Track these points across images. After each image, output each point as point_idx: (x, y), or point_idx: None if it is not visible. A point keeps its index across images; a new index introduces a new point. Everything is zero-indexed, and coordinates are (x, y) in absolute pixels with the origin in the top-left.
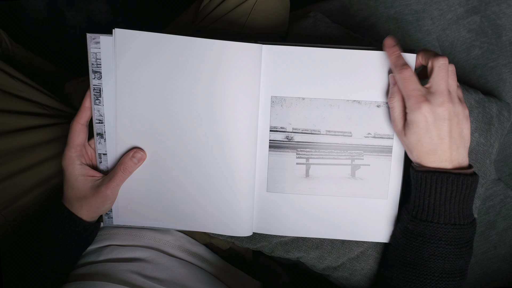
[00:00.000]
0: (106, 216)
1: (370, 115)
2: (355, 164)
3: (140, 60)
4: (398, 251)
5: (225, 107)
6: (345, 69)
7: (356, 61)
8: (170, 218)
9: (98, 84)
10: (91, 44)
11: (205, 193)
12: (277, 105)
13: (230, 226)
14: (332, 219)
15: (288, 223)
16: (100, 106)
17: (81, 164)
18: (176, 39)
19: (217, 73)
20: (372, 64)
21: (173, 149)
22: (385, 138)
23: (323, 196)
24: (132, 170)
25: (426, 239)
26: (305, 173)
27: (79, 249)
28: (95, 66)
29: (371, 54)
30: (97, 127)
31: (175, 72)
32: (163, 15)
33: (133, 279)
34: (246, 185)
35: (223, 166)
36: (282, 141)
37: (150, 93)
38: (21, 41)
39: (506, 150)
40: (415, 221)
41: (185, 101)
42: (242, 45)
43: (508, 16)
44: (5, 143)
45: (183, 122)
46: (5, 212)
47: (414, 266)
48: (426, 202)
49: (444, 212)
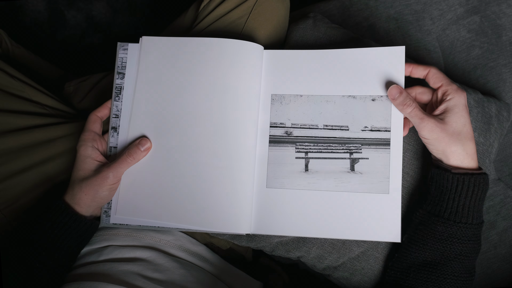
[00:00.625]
0: (104, 215)
1: (366, 109)
2: (354, 157)
3: (158, 61)
4: (417, 253)
5: (231, 101)
6: (339, 67)
7: (348, 59)
8: (169, 213)
9: (120, 84)
10: (120, 50)
11: (207, 184)
12: (277, 102)
13: (229, 222)
14: (334, 217)
15: (288, 222)
16: (118, 103)
17: (92, 147)
18: (189, 41)
19: (225, 70)
20: (363, 60)
21: (179, 142)
22: (382, 131)
23: (323, 191)
24: (136, 157)
25: (456, 240)
26: (304, 167)
27: (76, 246)
28: (120, 68)
29: (362, 52)
30: (113, 121)
31: (188, 69)
32: (164, 14)
33: (134, 279)
34: (246, 176)
35: (226, 157)
36: (281, 136)
37: (164, 89)
38: (21, 41)
39: (506, 150)
40: (448, 223)
41: (194, 97)
42: (249, 44)
43: (508, 16)
44: (5, 143)
45: (191, 116)
46: (6, 212)
47: (434, 267)
48: (461, 204)
49: (477, 212)
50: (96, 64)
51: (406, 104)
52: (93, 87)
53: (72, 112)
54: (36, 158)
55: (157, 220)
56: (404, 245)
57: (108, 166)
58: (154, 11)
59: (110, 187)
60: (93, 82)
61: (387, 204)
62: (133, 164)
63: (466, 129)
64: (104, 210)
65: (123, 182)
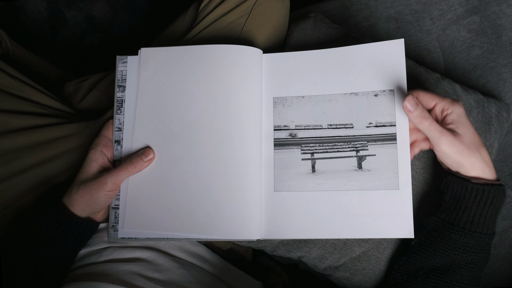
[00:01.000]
0: (112, 229)
1: (369, 105)
2: (361, 155)
3: (158, 72)
4: (427, 258)
5: (233, 107)
6: (339, 66)
7: (348, 56)
8: (177, 224)
9: (121, 97)
10: (119, 63)
11: (215, 192)
12: (279, 105)
13: (239, 229)
14: (344, 216)
15: (298, 225)
16: (120, 116)
17: (101, 152)
18: (187, 49)
19: (225, 76)
20: (362, 57)
21: (184, 151)
22: (387, 126)
23: (332, 191)
24: (138, 167)
25: (468, 249)
26: (311, 168)
27: (73, 246)
28: (120, 81)
29: (361, 48)
30: (115, 135)
31: (188, 77)
32: (163, 14)
33: (134, 279)
34: (253, 181)
35: (232, 164)
36: (286, 138)
37: (165, 99)
38: (21, 41)
39: (506, 150)
40: (463, 232)
41: (196, 105)
42: (247, 49)
43: (508, 16)
44: (5, 143)
45: (194, 125)
46: (5, 212)
47: (444, 273)
48: (477, 214)
49: (492, 222)
50: (96, 64)
51: (424, 117)
52: (93, 87)
53: (72, 112)
54: (36, 159)
55: (166, 232)
56: (414, 249)
57: (108, 172)
58: (154, 11)
59: (107, 193)
60: (93, 82)
61: (398, 200)
62: (134, 173)
63: (477, 137)
64: (112, 224)
65: (129, 195)
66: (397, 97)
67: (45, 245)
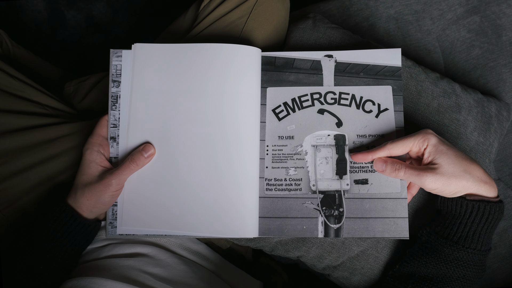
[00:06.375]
0: (109, 226)
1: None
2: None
3: (154, 68)
4: (419, 267)
5: (230, 105)
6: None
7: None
8: (174, 221)
9: (116, 92)
10: (113, 57)
11: (210, 191)
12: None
13: (236, 226)
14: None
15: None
16: (115, 112)
17: (98, 151)
18: (185, 47)
19: (222, 74)
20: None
21: (180, 149)
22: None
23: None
24: (139, 163)
25: (461, 264)
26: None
27: (79, 248)
28: (114, 76)
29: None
30: (111, 131)
31: (184, 75)
32: (164, 15)
33: (135, 274)
34: (250, 178)
35: (228, 161)
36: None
37: (161, 96)
38: (21, 41)
39: (506, 150)
40: (456, 247)
41: (192, 103)
42: (245, 48)
43: (508, 16)
44: (5, 143)
45: (190, 123)
46: (6, 212)
47: (434, 283)
48: (472, 230)
49: (487, 239)
50: (96, 64)
51: (397, 169)
52: (93, 87)
53: (72, 112)
54: (36, 158)
55: (163, 229)
56: (406, 259)
57: (111, 173)
58: (154, 11)
59: (113, 193)
60: (93, 82)
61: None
62: (136, 170)
63: (461, 160)
64: (110, 221)
65: (127, 192)
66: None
67: (53, 247)
